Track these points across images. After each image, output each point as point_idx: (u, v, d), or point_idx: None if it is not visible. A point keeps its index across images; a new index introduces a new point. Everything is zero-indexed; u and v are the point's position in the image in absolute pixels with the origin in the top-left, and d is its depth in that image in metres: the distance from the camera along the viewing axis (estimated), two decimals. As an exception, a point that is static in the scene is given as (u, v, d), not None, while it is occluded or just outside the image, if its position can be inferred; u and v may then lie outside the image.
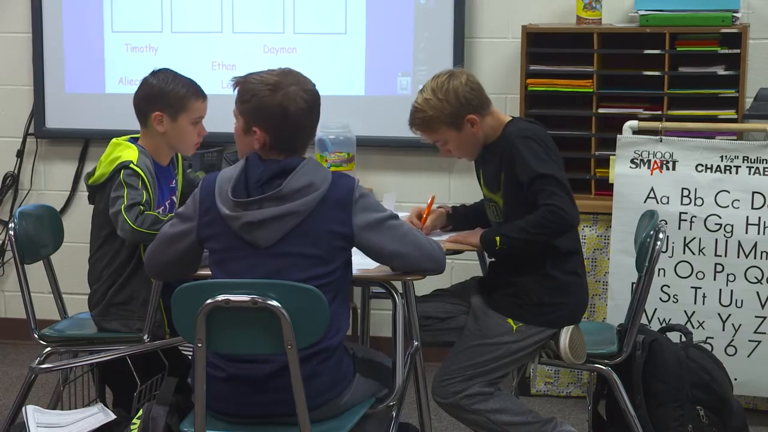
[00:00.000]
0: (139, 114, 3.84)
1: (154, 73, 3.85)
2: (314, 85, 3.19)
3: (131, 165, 3.69)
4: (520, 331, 3.55)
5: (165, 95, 3.78)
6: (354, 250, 3.21)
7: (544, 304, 3.55)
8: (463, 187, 4.95)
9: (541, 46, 4.74)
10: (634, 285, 3.91)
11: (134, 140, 3.85)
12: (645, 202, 4.41)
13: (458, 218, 3.86)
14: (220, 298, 2.93)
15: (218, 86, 4.89)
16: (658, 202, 4.41)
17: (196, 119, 3.82)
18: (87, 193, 3.87)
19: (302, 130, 3.16)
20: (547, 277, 3.54)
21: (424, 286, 3.66)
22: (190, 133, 3.82)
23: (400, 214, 3.91)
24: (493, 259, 3.71)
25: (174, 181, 3.95)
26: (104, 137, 5.02)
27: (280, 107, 3.10)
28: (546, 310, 3.55)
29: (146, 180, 3.70)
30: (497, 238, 3.50)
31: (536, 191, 3.42)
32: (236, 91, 3.19)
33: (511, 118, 3.61)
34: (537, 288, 3.54)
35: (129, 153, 3.74)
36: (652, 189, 4.44)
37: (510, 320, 3.55)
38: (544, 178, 3.42)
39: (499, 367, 3.57)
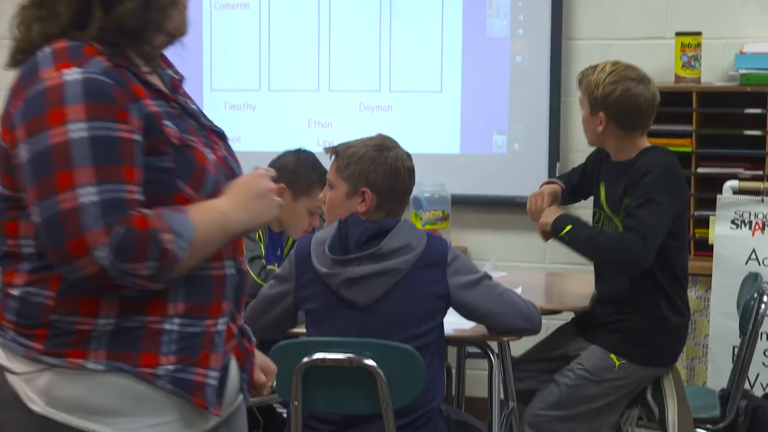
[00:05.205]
0: None
1: (297, 151, 3.91)
2: None
3: None
4: (623, 368, 3.52)
5: (296, 174, 3.83)
6: (449, 310, 3.19)
7: (652, 344, 3.52)
8: (558, 246, 4.89)
9: (639, 104, 4.68)
10: (736, 349, 3.82)
11: None
12: (746, 263, 4.33)
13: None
14: (317, 356, 2.93)
15: (314, 144, 4.92)
16: (760, 264, 4.32)
17: (315, 208, 3.84)
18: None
19: (408, 190, 3.21)
20: (659, 318, 3.52)
21: (521, 346, 3.62)
22: (303, 219, 3.85)
23: (498, 274, 3.89)
24: (601, 298, 3.67)
25: (280, 251, 3.95)
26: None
27: (393, 167, 3.15)
28: (652, 351, 3.53)
29: (261, 234, 3.75)
30: (568, 227, 3.53)
31: (631, 220, 3.42)
32: (336, 159, 3.21)
33: (649, 146, 3.59)
34: (647, 327, 3.52)
35: None
36: (753, 250, 4.35)
37: (613, 356, 3.51)
38: (644, 224, 3.41)
39: (596, 399, 3.52)
